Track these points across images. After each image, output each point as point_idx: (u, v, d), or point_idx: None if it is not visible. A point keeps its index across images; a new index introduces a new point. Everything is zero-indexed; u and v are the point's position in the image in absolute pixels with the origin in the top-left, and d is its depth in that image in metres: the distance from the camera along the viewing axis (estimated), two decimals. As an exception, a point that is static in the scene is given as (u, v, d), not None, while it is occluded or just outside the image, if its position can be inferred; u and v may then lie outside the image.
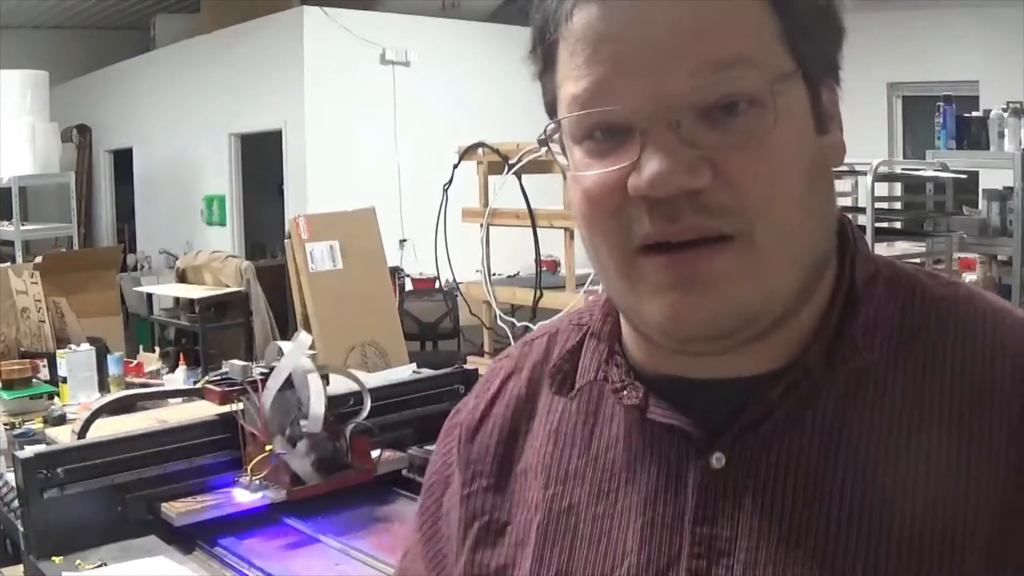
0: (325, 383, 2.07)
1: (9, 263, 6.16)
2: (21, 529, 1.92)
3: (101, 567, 1.77)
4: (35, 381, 3.42)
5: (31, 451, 1.88)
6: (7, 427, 2.96)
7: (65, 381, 3.38)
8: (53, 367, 3.50)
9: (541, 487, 0.75)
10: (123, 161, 10.69)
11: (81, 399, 3.28)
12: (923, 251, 5.06)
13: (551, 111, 0.70)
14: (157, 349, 5.03)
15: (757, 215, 0.63)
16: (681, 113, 0.62)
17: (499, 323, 4.65)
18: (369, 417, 2.10)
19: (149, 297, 7.56)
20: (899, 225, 4.98)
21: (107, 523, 1.88)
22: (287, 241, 5.48)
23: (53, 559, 1.80)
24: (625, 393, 0.72)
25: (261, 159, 8.88)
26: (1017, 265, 4.64)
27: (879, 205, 4.69)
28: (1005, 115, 4.88)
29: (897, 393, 0.66)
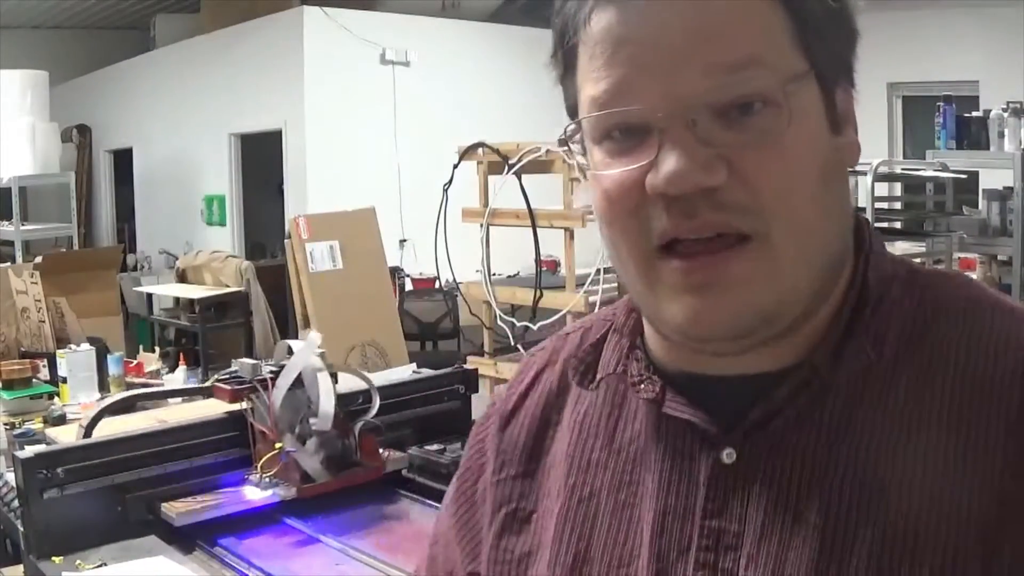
0: (334, 381, 2.08)
1: (9, 263, 6.16)
2: (21, 529, 1.92)
3: (101, 567, 1.78)
4: (35, 381, 3.42)
5: (31, 451, 1.88)
6: (7, 427, 2.96)
7: (65, 381, 3.37)
8: (53, 367, 3.50)
9: (563, 475, 0.77)
10: (123, 161, 10.68)
11: (81, 399, 3.28)
12: (923, 251, 5.05)
13: (572, 113, 0.71)
14: (157, 349, 5.02)
15: (772, 213, 0.64)
16: (697, 112, 0.63)
17: (499, 323, 4.65)
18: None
19: (149, 297, 7.56)
20: (899, 225, 4.97)
21: (107, 523, 1.88)
22: (287, 241, 5.49)
23: (53, 559, 1.80)
24: (643, 387, 0.73)
25: (261, 159, 8.87)
26: (1017, 265, 4.64)
27: (879, 205, 4.70)
28: (1005, 115, 4.87)
29: (901, 392, 0.67)
